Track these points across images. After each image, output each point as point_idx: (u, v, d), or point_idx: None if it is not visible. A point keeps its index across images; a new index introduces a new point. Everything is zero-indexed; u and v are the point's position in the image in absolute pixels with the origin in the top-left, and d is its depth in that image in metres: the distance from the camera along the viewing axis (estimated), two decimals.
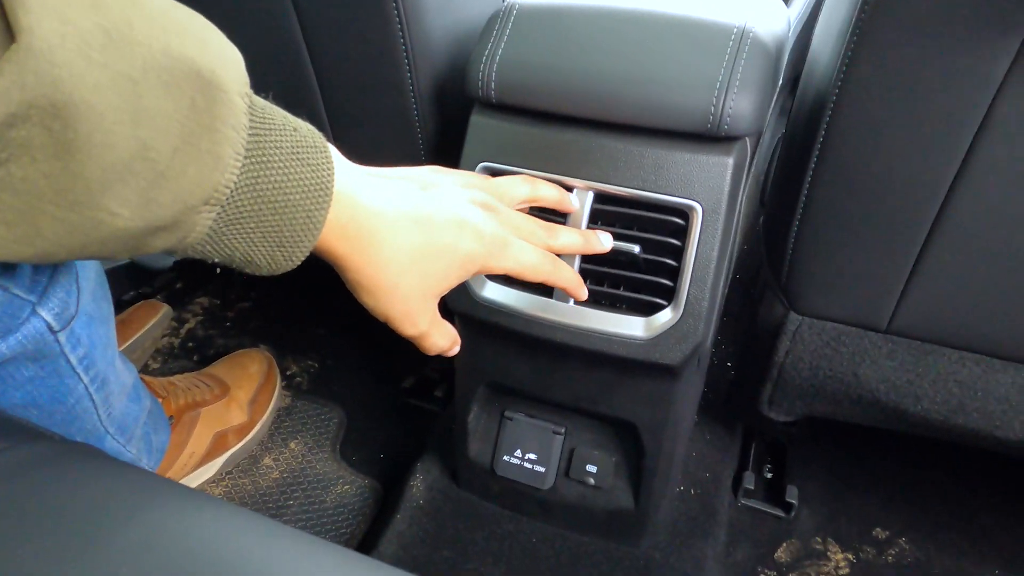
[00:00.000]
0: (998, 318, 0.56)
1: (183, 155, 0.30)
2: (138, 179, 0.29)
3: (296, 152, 0.35)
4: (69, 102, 0.26)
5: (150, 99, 0.28)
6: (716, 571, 0.77)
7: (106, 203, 0.28)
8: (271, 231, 0.35)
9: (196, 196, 0.31)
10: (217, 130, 0.31)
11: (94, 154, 0.27)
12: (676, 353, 0.56)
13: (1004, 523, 0.86)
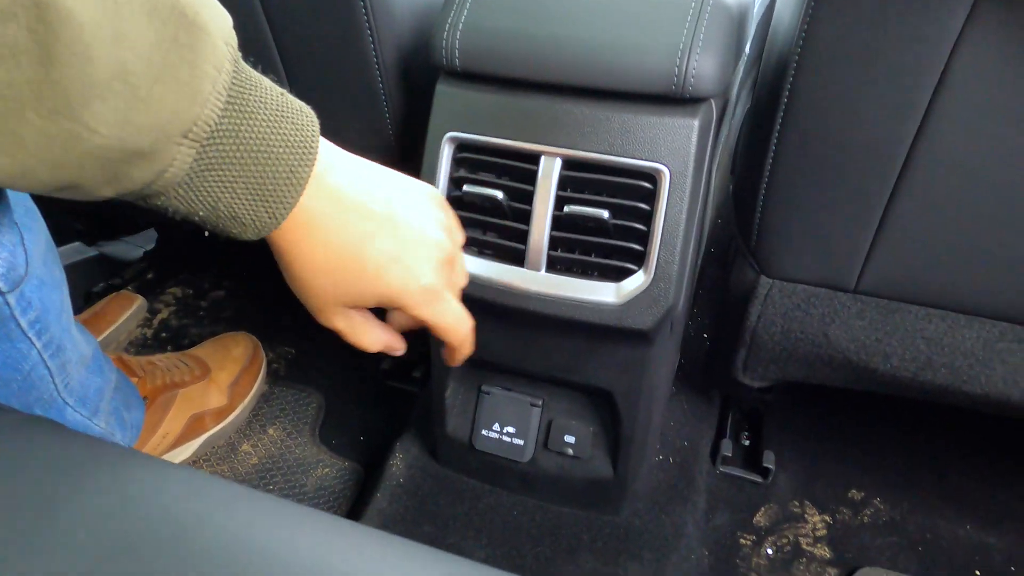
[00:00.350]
0: (962, 273, 0.57)
1: (162, 84, 0.30)
2: (116, 98, 0.29)
3: (280, 110, 0.35)
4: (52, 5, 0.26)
5: (131, 23, 0.29)
6: (696, 537, 0.78)
7: (85, 117, 0.29)
8: (254, 182, 0.35)
9: (174, 126, 0.31)
10: (197, 66, 0.31)
11: (75, 64, 0.28)
12: (648, 318, 0.56)
13: (975, 479, 0.88)
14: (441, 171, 0.60)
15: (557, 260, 0.58)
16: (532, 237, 0.57)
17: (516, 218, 0.58)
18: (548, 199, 0.56)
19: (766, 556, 0.81)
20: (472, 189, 0.58)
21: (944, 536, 0.83)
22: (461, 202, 0.60)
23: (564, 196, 0.56)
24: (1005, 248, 0.54)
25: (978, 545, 0.82)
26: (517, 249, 0.58)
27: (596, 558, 0.70)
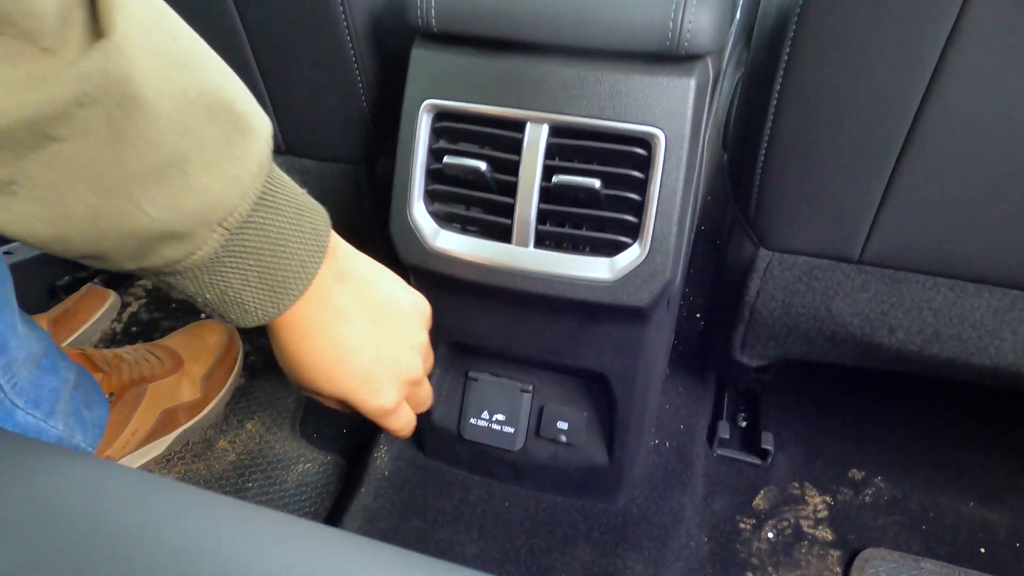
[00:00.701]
0: (972, 238, 0.54)
1: (212, 174, 0.34)
2: (170, 184, 0.32)
3: (300, 208, 0.39)
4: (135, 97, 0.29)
5: (197, 119, 0.32)
6: (695, 523, 0.75)
7: (137, 197, 0.31)
8: (267, 273, 0.38)
9: (214, 213, 0.34)
10: (244, 162, 0.35)
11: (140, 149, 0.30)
12: (644, 293, 0.53)
13: (977, 455, 0.86)
14: (419, 142, 0.55)
15: (546, 235, 0.54)
16: (519, 211, 0.53)
17: (501, 191, 0.54)
18: (535, 169, 0.52)
19: (767, 540, 0.79)
20: (453, 160, 0.54)
21: (947, 513, 0.81)
22: (441, 175, 0.56)
23: (552, 165, 0.52)
24: (1020, 209, 0.51)
25: (981, 521, 0.80)
26: (503, 224, 0.55)
27: (593, 548, 0.67)
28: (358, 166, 0.68)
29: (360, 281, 0.43)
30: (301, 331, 0.41)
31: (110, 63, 0.28)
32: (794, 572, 0.76)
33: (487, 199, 0.55)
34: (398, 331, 0.45)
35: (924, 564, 0.75)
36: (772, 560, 0.77)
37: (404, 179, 0.57)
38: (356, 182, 0.69)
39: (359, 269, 0.44)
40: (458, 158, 0.54)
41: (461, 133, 0.55)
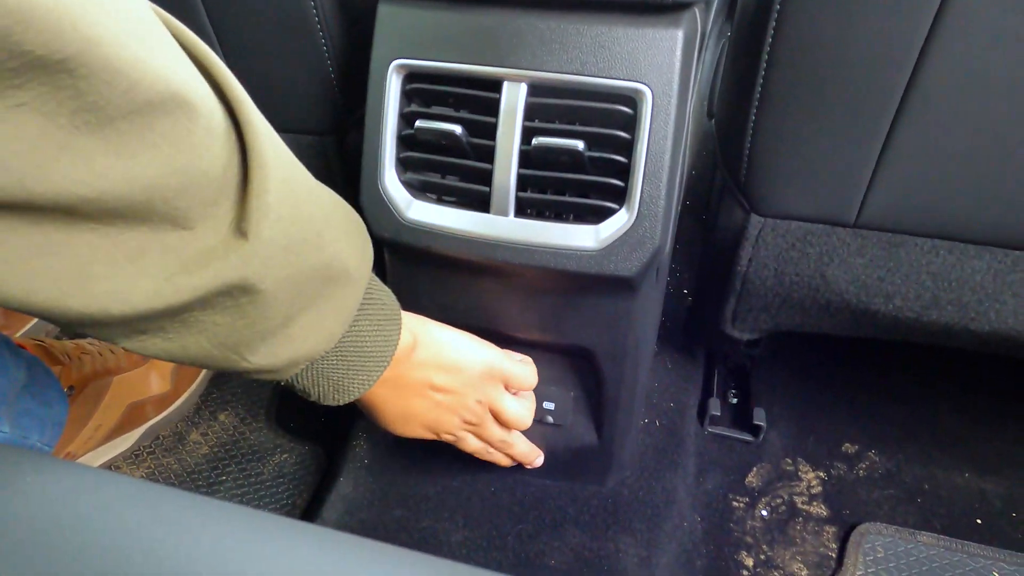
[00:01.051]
0: (973, 198, 0.52)
1: (308, 328, 0.39)
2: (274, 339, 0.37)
3: (379, 324, 0.45)
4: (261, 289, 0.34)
5: (310, 289, 0.37)
6: (687, 503, 0.73)
7: (242, 351, 0.36)
8: (336, 380, 0.44)
9: (304, 357, 0.40)
10: (340, 313, 0.40)
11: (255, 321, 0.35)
12: (633, 262, 0.50)
13: (970, 425, 0.85)
14: (388, 106, 0.52)
15: (527, 202, 0.51)
16: (497, 177, 0.50)
17: (478, 156, 0.51)
18: (513, 132, 0.49)
19: (761, 518, 0.77)
20: (426, 125, 0.50)
21: (942, 485, 0.79)
22: (414, 141, 0.52)
23: (532, 127, 0.49)
24: (1021, 166, 0.48)
25: (977, 492, 0.79)
26: (481, 192, 0.51)
27: (583, 532, 0.64)
28: (326, 138, 0.65)
29: (429, 363, 0.51)
30: (378, 403, 0.51)
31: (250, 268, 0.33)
32: (789, 549, 0.74)
33: (463, 166, 0.51)
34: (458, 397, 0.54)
35: (921, 537, 0.73)
36: (767, 538, 0.75)
37: (374, 146, 0.53)
38: (325, 155, 0.65)
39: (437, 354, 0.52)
40: (431, 122, 0.50)
41: (434, 95, 0.51)
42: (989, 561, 0.71)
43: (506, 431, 0.60)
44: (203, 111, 0.30)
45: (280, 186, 0.34)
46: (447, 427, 0.56)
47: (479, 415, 0.57)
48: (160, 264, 0.31)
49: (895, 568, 0.71)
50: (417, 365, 0.50)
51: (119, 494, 0.25)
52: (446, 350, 0.52)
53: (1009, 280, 0.55)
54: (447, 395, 0.53)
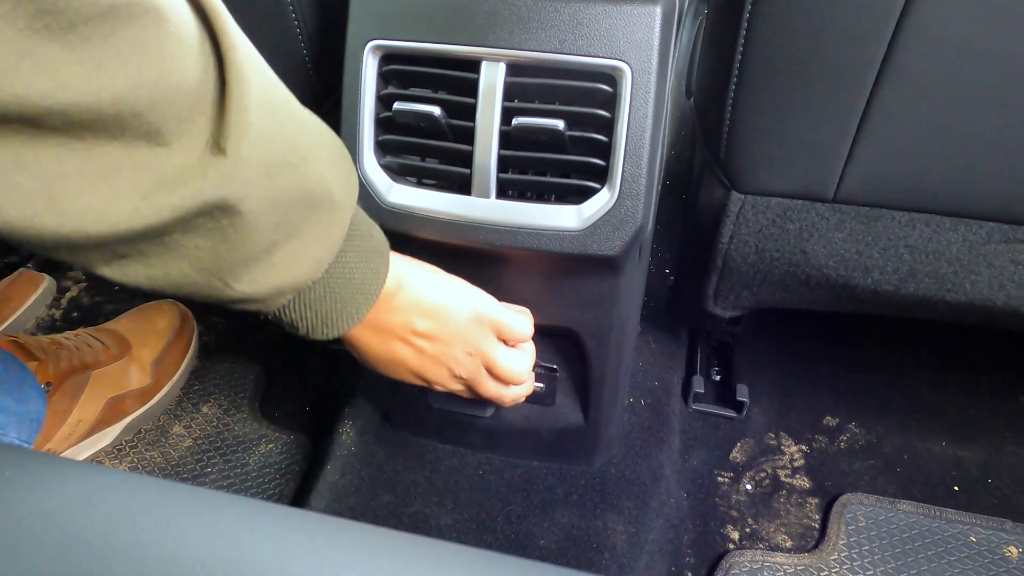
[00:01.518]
0: (949, 170, 0.52)
1: (293, 255, 0.38)
2: (258, 266, 0.37)
3: (366, 256, 0.44)
4: (243, 210, 0.33)
5: (293, 214, 0.37)
6: (674, 480, 0.74)
7: (226, 277, 0.36)
8: (323, 313, 0.43)
9: (290, 286, 0.39)
10: (327, 239, 0.40)
11: (238, 245, 0.35)
12: (615, 241, 0.50)
13: (947, 396, 0.86)
14: (365, 88, 0.51)
15: (508, 184, 0.51)
16: (478, 158, 0.50)
17: (458, 138, 0.50)
18: (493, 112, 0.48)
19: (745, 492, 0.78)
20: (404, 107, 0.50)
21: (920, 454, 0.81)
22: (392, 124, 0.52)
23: (511, 107, 0.48)
24: (998, 136, 0.49)
25: (953, 460, 0.80)
26: (461, 174, 0.51)
27: (572, 512, 0.65)
28: None
29: (411, 306, 0.49)
30: (361, 344, 0.49)
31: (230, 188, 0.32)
32: (774, 522, 0.75)
33: (443, 147, 0.51)
34: (444, 345, 0.51)
35: (901, 506, 0.75)
36: (751, 511, 0.76)
37: (351, 130, 0.52)
38: None
39: (420, 297, 0.49)
40: (409, 104, 0.50)
41: (411, 76, 0.51)
42: (966, 526, 0.73)
43: (502, 385, 0.56)
44: (173, 19, 0.29)
45: (261, 104, 0.33)
46: (435, 378, 0.53)
47: (470, 369, 0.53)
48: (136, 182, 0.30)
49: (876, 536, 0.72)
50: (398, 308, 0.48)
51: (102, 485, 0.24)
52: (430, 294, 0.49)
53: (984, 251, 0.56)
54: (431, 343, 0.50)
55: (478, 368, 0.54)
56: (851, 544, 0.71)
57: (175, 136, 0.30)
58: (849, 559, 0.70)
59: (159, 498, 0.24)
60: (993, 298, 0.59)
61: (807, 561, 0.70)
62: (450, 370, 0.52)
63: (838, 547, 0.71)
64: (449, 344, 0.51)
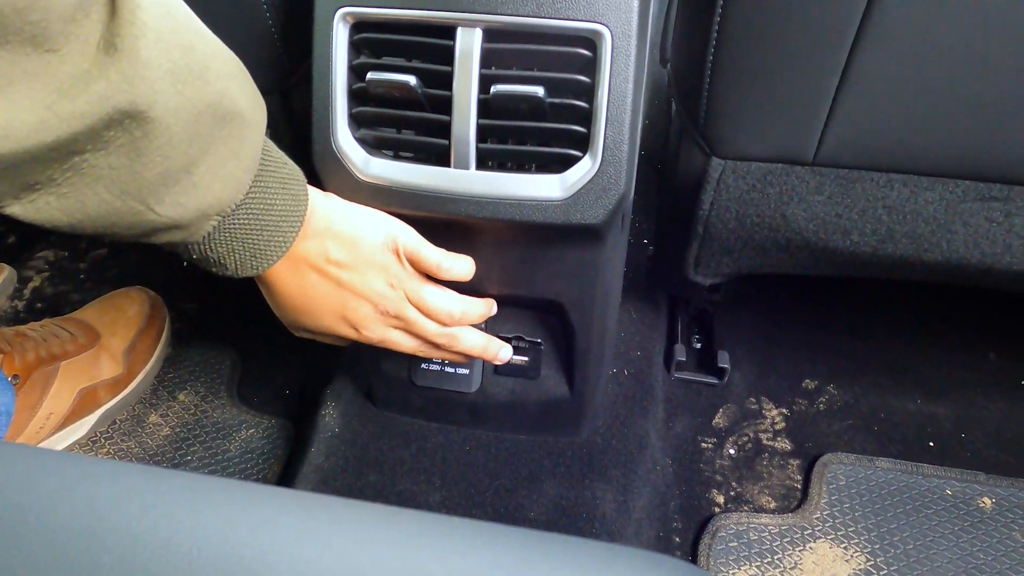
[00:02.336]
0: (926, 129, 0.53)
1: (213, 173, 0.38)
2: (179, 186, 0.36)
3: (284, 182, 0.44)
4: (155, 119, 0.33)
5: (205, 127, 0.36)
6: (659, 447, 0.75)
7: (149, 200, 0.35)
8: (251, 243, 0.42)
9: (213, 207, 0.39)
10: (243, 158, 0.39)
11: (155, 160, 0.34)
12: (599, 210, 0.49)
13: (921, 354, 0.88)
14: (336, 58, 0.49)
15: (488, 154, 0.50)
16: (456, 129, 0.48)
17: (435, 108, 0.49)
18: (470, 80, 0.47)
19: (728, 457, 0.79)
20: (377, 77, 0.48)
21: (896, 412, 0.83)
22: (366, 95, 0.50)
23: (489, 75, 0.47)
24: (975, 94, 0.49)
25: (928, 416, 0.82)
26: (440, 145, 0.49)
27: (561, 483, 0.65)
28: (270, 97, 0.61)
29: (324, 232, 0.47)
30: (279, 283, 0.48)
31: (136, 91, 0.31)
32: (757, 484, 0.76)
33: (420, 118, 0.49)
34: (360, 274, 0.49)
35: (878, 463, 0.76)
36: (735, 475, 0.77)
37: (324, 102, 0.50)
38: (271, 116, 0.62)
39: (333, 222, 0.48)
40: (383, 74, 0.48)
41: (384, 45, 0.49)
42: (942, 480, 0.75)
43: (444, 326, 0.54)
44: None
45: (155, 7, 0.32)
46: (361, 318, 0.50)
47: (396, 304, 0.50)
48: (33, 92, 0.29)
49: (856, 494, 0.74)
50: (311, 234, 0.47)
51: (84, 474, 0.23)
52: (344, 220, 0.48)
53: (959, 210, 0.57)
54: (347, 271, 0.48)
55: (404, 304, 0.51)
56: (832, 502, 0.73)
57: (62, 39, 0.29)
58: (831, 516, 0.72)
59: (145, 484, 0.23)
60: (968, 256, 0.60)
61: (791, 521, 0.71)
62: (374, 305, 0.50)
63: (820, 506, 0.73)
64: (365, 274, 0.49)
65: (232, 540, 0.19)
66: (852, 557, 0.69)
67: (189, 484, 0.24)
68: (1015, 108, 0.50)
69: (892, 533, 0.70)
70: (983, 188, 0.56)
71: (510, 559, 0.19)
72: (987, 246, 0.59)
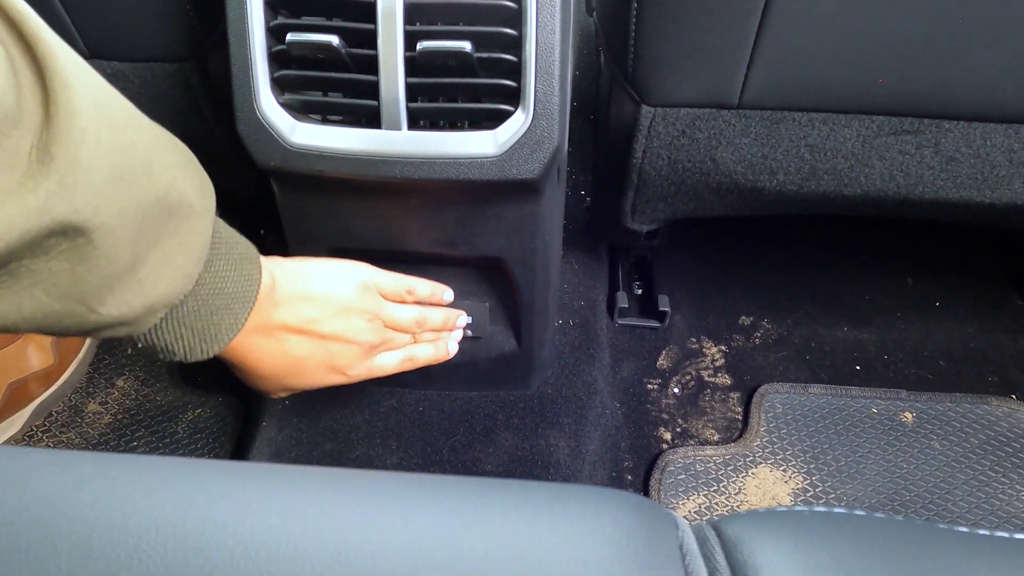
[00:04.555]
0: (842, 69, 0.54)
1: (161, 268, 0.36)
2: (123, 285, 0.34)
3: (235, 263, 0.42)
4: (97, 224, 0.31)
5: (151, 224, 0.34)
6: (607, 392, 0.77)
7: (89, 301, 0.33)
8: (200, 329, 0.41)
9: (160, 302, 0.37)
10: (191, 249, 0.38)
11: (100, 264, 0.32)
12: (534, 163, 0.49)
13: (847, 285, 0.93)
14: (252, 20, 0.47)
15: (419, 113, 0.49)
16: (384, 89, 0.47)
17: (360, 68, 0.48)
18: (395, 38, 0.46)
19: (673, 395, 0.82)
20: (297, 38, 0.46)
21: (826, 341, 0.88)
22: (287, 58, 0.48)
23: (414, 31, 0.46)
24: (887, 31, 0.51)
25: (855, 342, 0.88)
26: (369, 107, 0.48)
27: (515, 434, 0.67)
28: (185, 64, 0.58)
29: (293, 297, 0.47)
30: (259, 355, 0.47)
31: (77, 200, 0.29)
32: (702, 419, 0.80)
33: (346, 80, 0.48)
34: (341, 321, 0.50)
35: (811, 389, 0.81)
36: (680, 412, 0.81)
37: (243, 68, 0.48)
38: (186, 84, 0.59)
39: (298, 285, 0.48)
40: (303, 34, 0.46)
41: (302, 3, 0.47)
42: (868, 400, 0.80)
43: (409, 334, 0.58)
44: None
45: (92, 109, 0.31)
46: (351, 360, 0.52)
47: (378, 333, 0.53)
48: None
49: (792, 419, 0.78)
50: (281, 302, 0.47)
51: (28, 466, 0.23)
52: (309, 280, 0.49)
53: (875, 144, 0.60)
54: (327, 324, 0.49)
55: (382, 329, 0.54)
56: (771, 429, 0.77)
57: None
58: (770, 443, 0.76)
59: (95, 470, 0.22)
60: (885, 189, 0.63)
61: (734, 450, 0.76)
62: (359, 344, 0.52)
63: (760, 433, 0.77)
64: (347, 320, 0.50)
65: (191, 516, 0.20)
66: (791, 478, 0.73)
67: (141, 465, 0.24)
68: (923, 43, 0.52)
69: (825, 452, 0.75)
70: (896, 122, 0.58)
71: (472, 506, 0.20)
72: (901, 178, 0.62)
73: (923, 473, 0.73)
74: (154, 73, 0.58)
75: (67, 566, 0.17)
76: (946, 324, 0.89)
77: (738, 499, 0.72)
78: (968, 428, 0.77)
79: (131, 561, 0.17)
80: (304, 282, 0.48)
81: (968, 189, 0.62)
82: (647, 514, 0.21)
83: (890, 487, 0.72)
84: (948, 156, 0.60)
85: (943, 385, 0.82)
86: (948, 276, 0.94)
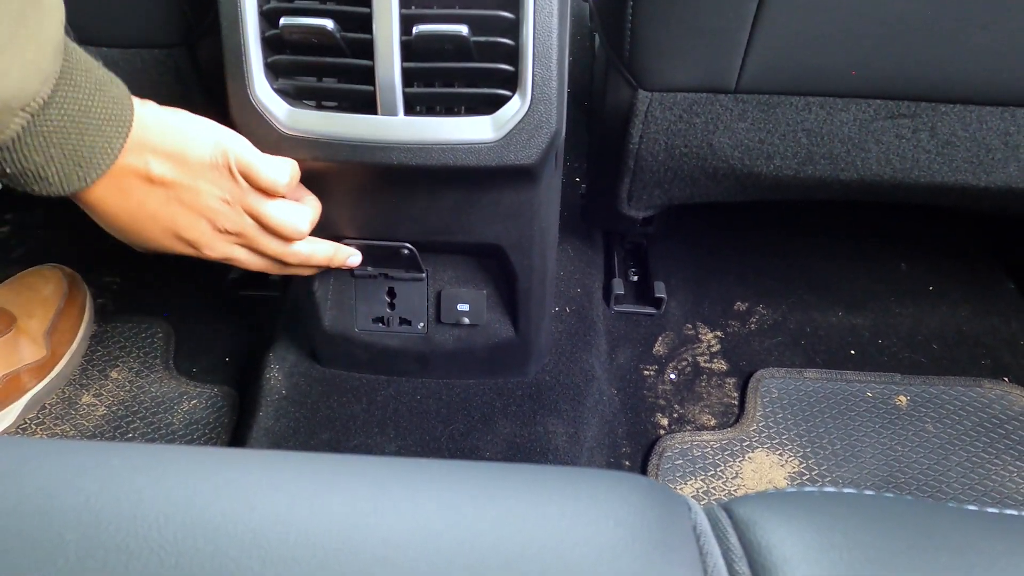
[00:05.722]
0: (840, 52, 0.54)
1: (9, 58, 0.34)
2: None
3: (100, 84, 0.40)
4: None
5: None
6: (604, 379, 0.77)
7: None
8: (71, 149, 0.39)
9: (16, 99, 0.36)
10: (41, 44, 0.36)
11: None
12: (532, 149, 0.49)
13: (841, 270, 0.93)
14: (245, 5, 0.46)
15: (415, 98, 0.48)
16: (380, 73, 0.47)
17: (355, 52, 0.47)
18: (391, 21, 0.45)
19: (670, 381, 0.83)
20: (291, 22, 0.45)
21: (820, 326, 0.88)
22: (281, 42, 0.47)
23: (410, 15, 0.46)
24: (884, 14, 0.51)
25: (849, 328, 0.88)
26: (365, 92, 0.48)
27: (513, 422, 0.67)
28: (176, 50, 0.57)
29: (151, 147, 0.44)
30: (101, 202, 0.44)
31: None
32: (698, 404, 0.80)
33: (341, 64, 0.47)
34: (195, 190, 0.46)
35: (806, 374, 0.82)
36: (677, 398, 0.81)
37: (236, 53, 0.48)
38: (177, 70, 0.58)
39: (153, 134, 0.44)
40: (297, 18, 0.45)
41: None
42: (863, 384, 0.80)
43: (283, 242, 0.51)
44: None
45: None
46: (198, 235, 0.48)
47: (234, 221, 0.48)
48: None
49: (788, 404, 0.79)
50: (133, 148, 0.43)
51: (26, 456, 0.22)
52: (169, 132, 0.45)
53: (872, 128, 0.60)
54: (175, 188, 0.45)
55: (244, 221, 0.48)
56: (767, 414, 0.78)
57: None
58: (766, 427, 0.77)
59: (96, 459, 0.22)
60: (881, 173, 0.63)
61: (730, 435, 0.76)
62: (211, 222, 0.48)
63: (756, 418, 0.77)
64: (196, 190, 0.46)
65: (199, 504, 0.19)
66: (787, 462, 0.74)
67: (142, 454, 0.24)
68: (920, 25, 0.52)
69: (821, 436, 0.76)
70: (892, 106, 0.58)
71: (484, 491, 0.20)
72: (897, 162, 0.62)
73: (918, 455, 0.74)
74: (144, 60, 0.57)
75: (76, 556, 0.17)
76: (939, 308, 0.89)
77: (735, 483, 0.73)
78: (961, 411, 0.78)
79: (142, 551, 0.17)
80: (158, 134, 0.44)
81: (964, 173, 0.63)
82: (660, 496, 0.21)
83: (885, 470, 0.73)
84: (944, 140, 0.60)
85: (937, 369, 0.82)
86: (941, 261, 0.94)
